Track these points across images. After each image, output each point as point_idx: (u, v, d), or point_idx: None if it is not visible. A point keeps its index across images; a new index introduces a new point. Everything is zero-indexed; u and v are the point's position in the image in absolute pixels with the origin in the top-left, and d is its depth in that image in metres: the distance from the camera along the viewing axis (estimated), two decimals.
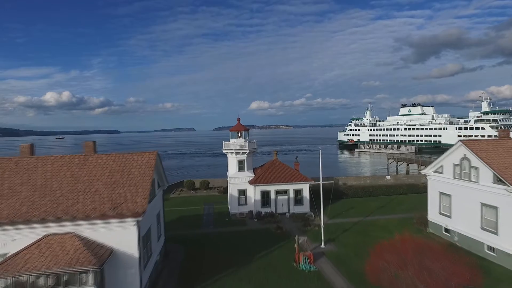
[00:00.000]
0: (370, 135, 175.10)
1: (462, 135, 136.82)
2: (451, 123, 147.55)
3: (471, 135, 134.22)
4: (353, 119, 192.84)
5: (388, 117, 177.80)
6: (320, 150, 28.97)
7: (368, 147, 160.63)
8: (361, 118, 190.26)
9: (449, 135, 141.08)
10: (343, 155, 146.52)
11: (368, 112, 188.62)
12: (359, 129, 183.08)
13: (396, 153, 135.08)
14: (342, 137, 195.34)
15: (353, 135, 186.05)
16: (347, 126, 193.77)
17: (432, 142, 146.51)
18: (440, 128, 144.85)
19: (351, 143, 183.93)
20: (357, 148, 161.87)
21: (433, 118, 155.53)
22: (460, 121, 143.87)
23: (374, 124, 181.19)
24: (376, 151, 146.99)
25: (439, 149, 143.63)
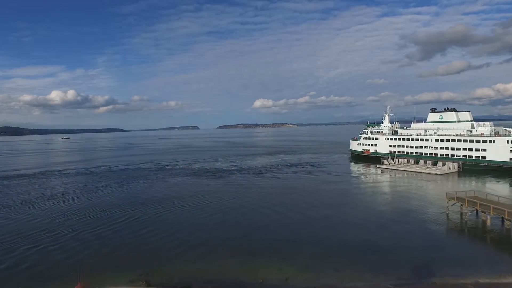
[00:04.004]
0: (391, 146, 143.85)
1: None
2: (496, 133, 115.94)
3: None
4: (368, 125, 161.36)
5: (412, 124, 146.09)
6: None
7: (393, 163, 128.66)
8: (378, 124, 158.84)
9: (498, 150, 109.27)
10: (360, 174, 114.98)
11: (386, 117, 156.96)
12: (376, 138, 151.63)
13: (435, 173, 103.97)
14: (355, 146, 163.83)
15: (369, 144, 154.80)
16: (361, 134, 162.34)
17: (474, 158, 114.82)
18: (484, 141, 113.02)
19: (366, 154, 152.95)
20: (380, 164, 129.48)
21: (472, 126, 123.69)
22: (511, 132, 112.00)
23: (395, 132, 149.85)
24: (406, 169, 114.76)
25: (484, 167, 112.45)
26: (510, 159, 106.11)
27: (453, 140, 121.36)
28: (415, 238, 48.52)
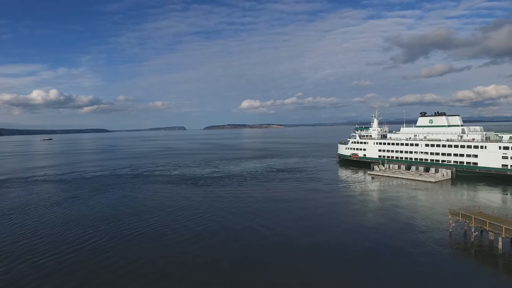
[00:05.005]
0: (380, 150, 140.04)
1: (509, 157, 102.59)
2: (487, 138, 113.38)
3: None
4: (357, 129, 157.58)
5: (401, 127, 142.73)
6: None
7: (384, 168, 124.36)
8: (367, 128, 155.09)
9: (489, 156, 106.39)
10: (350, 182, 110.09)
11: (375, 120, 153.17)
12: (365, 142, 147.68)
13: (429, 181, 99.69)
14: (343, 150, 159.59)
15: (357, 149, 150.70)
16: (349, 138, 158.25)
17: (465, 164, 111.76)
18: (476, 146, 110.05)
19: (354, 159, 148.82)
20: (370, 170, 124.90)
21: (463, 131, 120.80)
22: (504, 137, 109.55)
23: (384, 136, 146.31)
24: (398, 175, 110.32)
25: (476, 173, 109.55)
26: (502, 165, 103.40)
27: (444, 145, 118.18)
28: (422, 264, 43.15)
